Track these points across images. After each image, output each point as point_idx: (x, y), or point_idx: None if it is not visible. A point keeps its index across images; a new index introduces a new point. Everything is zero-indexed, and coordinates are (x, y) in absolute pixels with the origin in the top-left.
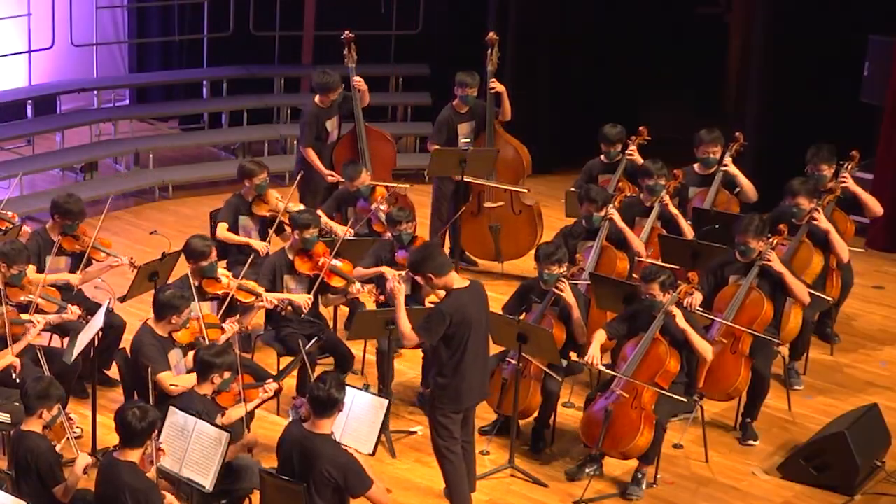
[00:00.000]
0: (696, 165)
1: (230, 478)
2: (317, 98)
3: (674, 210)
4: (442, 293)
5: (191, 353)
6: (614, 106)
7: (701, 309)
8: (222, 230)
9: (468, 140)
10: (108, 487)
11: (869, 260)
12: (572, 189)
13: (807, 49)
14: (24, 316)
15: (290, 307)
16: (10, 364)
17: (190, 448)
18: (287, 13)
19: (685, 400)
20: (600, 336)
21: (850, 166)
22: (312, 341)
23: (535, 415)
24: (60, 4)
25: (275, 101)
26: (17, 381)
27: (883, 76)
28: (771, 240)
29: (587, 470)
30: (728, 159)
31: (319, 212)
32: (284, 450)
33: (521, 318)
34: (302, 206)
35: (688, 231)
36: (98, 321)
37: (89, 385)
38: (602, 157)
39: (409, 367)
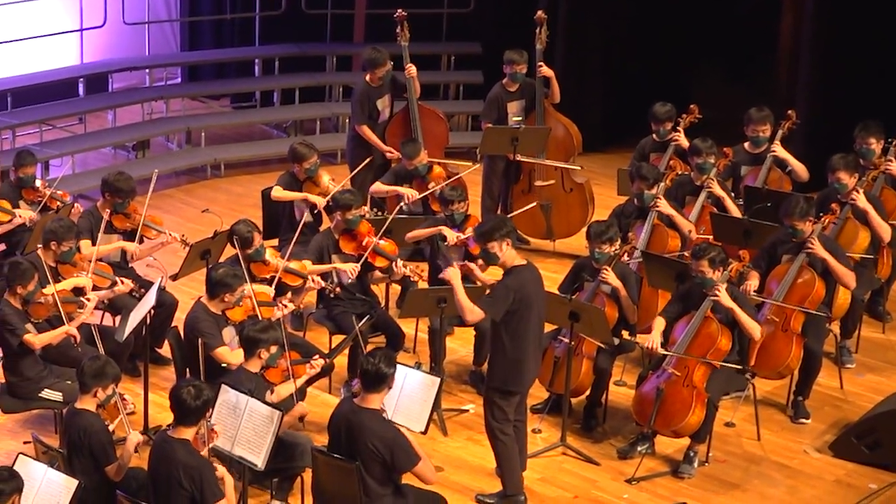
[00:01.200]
0: (746, 144)
1: (282, 456)
2: (367, 76)
3: (720, 192)
4: (489, 279)
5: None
6: (665, 83)
7: (755, 293)
8: (278, 190)
9: (519, 118)
10: (161, 465)
11: None
12: (625, 168)
13: (859, 27)
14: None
15: (339, 288)
16: (68, 334)
17: (242, 426)
18: None
19: (738, 370)
20: (660, 323)
21: None
22: (364, 319)
23: (587, 393)
24: None
25: (327, 79)
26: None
27: None
28: (823, 219)
29: (639, 448)
30: (777, 141)
31: (378, 183)
32: (333, 424)
33: (574, 296)
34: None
35: (735, 212)
36: (150, 299)
37: (141, 363)
38: (653, 135)
39: (460, 345)
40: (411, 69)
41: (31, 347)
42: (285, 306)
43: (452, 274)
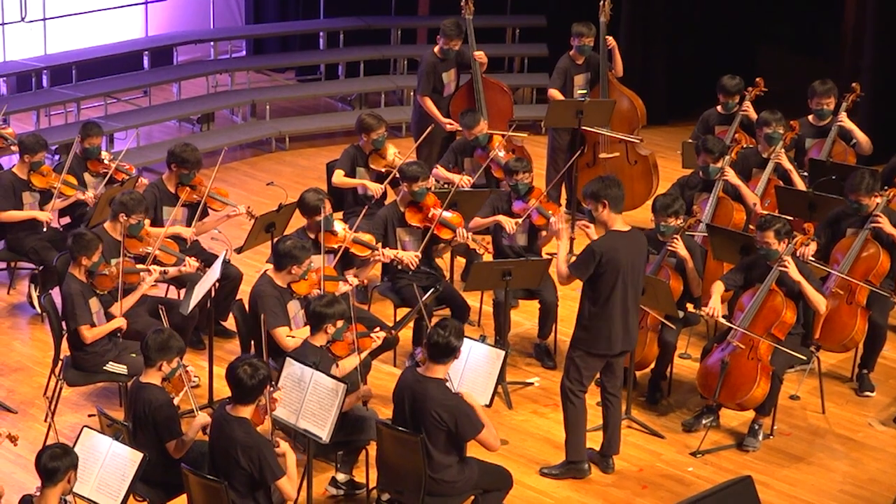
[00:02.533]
0: (810, 117)
1: (347, 429)
2: (435, 49)
3: (787, 164)
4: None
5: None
6: (730, 56)
7: (814, 259)
8: (339, 176)
9: (584, 91)
10: (220, 441)
11: None
12: (689, 140)
13: None
14: (140, 266)
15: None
16: (119, 328)
17: (307, 399)
18: None
19: (801, 357)
20: (719, 287)
21: None
22: (429, 292)
23: (652, 366)
24: None
25: (391, 52)
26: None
27: None
28: (888, 192)
29: (704, 421)
30: (843, 113)
31: (438, 167)
32: (397, 394)
33: None
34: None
35: (801, 185)
36: (215, 272)
37: (206, 336)
38: (719, 107)
39: (525, 318)
40: (482, 56)
41: (83, 340)
42: (352, 281)
43: (564, 233)
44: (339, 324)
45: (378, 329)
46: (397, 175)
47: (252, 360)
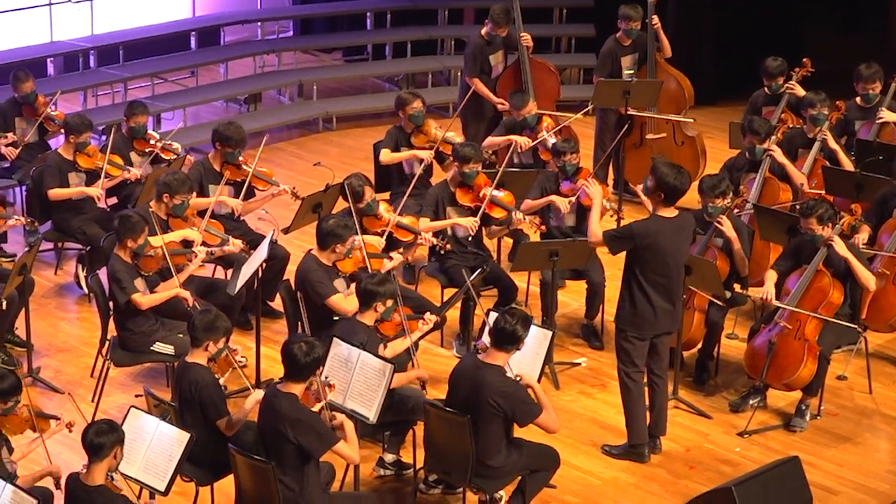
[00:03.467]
0: (857, 99)
1: (394, 409)
2: (482, 31)
3: (834, 145)
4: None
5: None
6: (777, 37)
7: (865, 244)
8: (386, 154)
9: (631, 72)
10: (269, 418)
11: None
12: (736, 121)
13: None
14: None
15: (448, 245)
16: (178, 296)
17: (354, 380)
18: None
19: (852, 326)
20: (772, 275)
21: None
22: (476, 273)
23: (699, 346)
24: None
25: (438, 32)
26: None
27: None
28: None
29: (751, 402)
30: (889, 100)
31: (491, 137)
32: (455, 379)
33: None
34: (462, 139)
35: (848, 165)
36: (262, 252)
37: (253, 316)
38: (765, 89)
39: (572, 298)
40: (528, 39)
41: (138, 307)
42: (397, 257)
43: (595, 192)
44: (389, 303)
45: (428, 313)
46: (440, 149)
47: (309, 339)
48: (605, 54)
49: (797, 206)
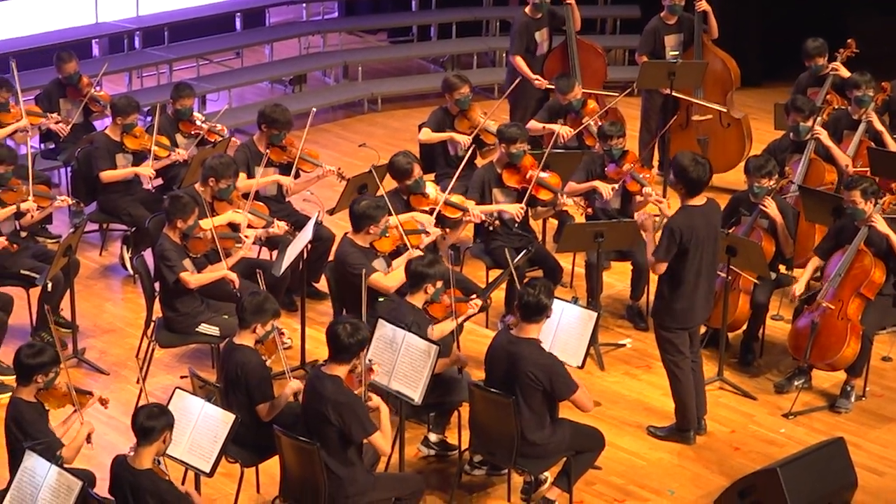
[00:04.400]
0: None
1: (439, 390)
2: (527, 9)
3: (879, 126)
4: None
5: (395, 261)
6: (822, 17)
7: None
8: (426, 133)
9: (675, 52)
10: (312, 400)
11: None
12: (783, 102)
13: None
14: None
15: (497, 222)
16: (226, 278)
17: (399, 361)
18: None
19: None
20: (814, 262)
21: None
22: (521, 254)
23: (744, 327)
24: None
25: (484, 13)
26: (238, 294)
27: None
28: None
29: (796, 383)
30: None
31: (533, 121)
32: (491, 356)
33: (731, 230)
34: (507, 120)
35: (893, 146)
36: (307, 234)
37: (298, 298)
38: (808, 70)
39: (617, 279)
40: (573, 3)
41: (186, 286)
42: (434, 230)
43: (649, 223)
44: (438, 284)
45: (475, 297)
46: (480, 135)
47: (354, 320)
48: (648, 32)
49: (842, 187)
